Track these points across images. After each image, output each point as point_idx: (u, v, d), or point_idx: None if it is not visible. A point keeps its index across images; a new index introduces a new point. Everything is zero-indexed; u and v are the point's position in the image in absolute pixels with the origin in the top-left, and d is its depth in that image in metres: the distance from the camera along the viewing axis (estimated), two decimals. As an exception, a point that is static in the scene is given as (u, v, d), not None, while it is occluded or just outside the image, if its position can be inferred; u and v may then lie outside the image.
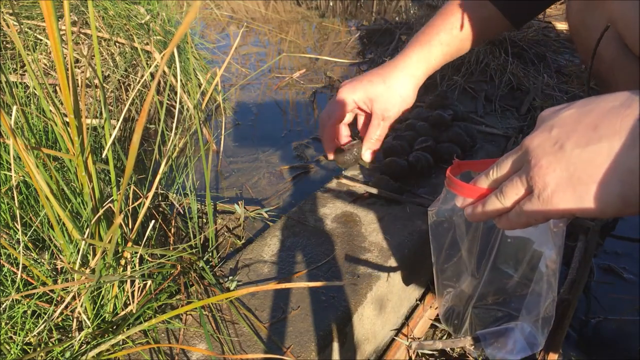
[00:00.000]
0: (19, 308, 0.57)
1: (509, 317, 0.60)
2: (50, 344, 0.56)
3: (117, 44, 1.34)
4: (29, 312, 0.58)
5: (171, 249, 0.75)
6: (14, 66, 1.14)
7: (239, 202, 0.89)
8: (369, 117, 0.80)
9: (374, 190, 0.86)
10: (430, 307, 0.77)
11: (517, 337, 0.58)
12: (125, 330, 0.57)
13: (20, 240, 0.57)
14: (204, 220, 0.89)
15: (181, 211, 0.85)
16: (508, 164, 0.43)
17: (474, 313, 0.62)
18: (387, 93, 0.76)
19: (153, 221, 0.62)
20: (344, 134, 0.81)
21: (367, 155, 0.79)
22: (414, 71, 0.78)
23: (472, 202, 0.47)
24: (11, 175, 0.61)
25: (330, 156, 0.81)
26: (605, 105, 0.36)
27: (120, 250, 0.60)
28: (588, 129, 0.36)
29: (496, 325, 0.60)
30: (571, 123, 0.37)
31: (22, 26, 1.19)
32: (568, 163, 0.36)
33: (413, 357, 0.71)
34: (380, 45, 1.94)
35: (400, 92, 0.77)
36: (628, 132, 0.33)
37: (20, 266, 0.56)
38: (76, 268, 0.58)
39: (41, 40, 1.22)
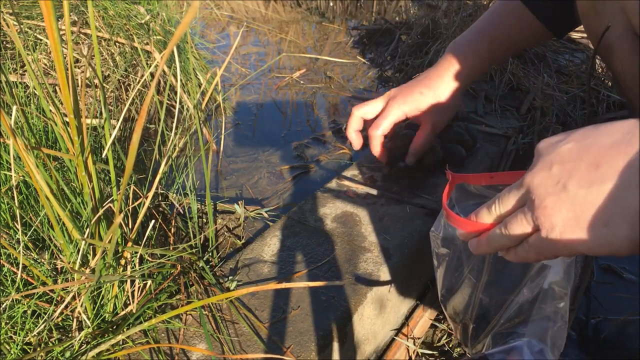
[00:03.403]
0: (19, 308, 0.57)
1: (516, 335, 0.60)
2: (50, 344, 0.56)
3: (117, 43, 1.34)
4: (29, 312, 0.58)
5: (171, 248, 0.75)
6: (14, 66, 1.14)
7: (239, 202, 0.89)
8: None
9: (373, 191, 0.86)
10: (430, 307, 0.77)
11: (526, 354, 0.57)
12: (125, 330, 0.57)
13: (20, 240, 0.57)
14: (204, 220, 0.89)
15: (181, 211, 0.85)
16: (511, 200, 0.42)
17: (491, 334, 0.61)
18: (438, 105, 0.82)
19: (153, 221, 0.62)
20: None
21: (411, 161, 0.87)
22: (463, 81, 0.82)
23: (475, 236, 0.47)
24: (11, 175, 0.61)
25: (384, 162, 0.90)
26: (605, 141, 0.35)
27: (120, 250, 0.60)
28: (590, 168, 0.35)
29: (504, 344, 0.60)
30: (571, 160, 0.36)
31: (22, 26, 1.19)
32: (573, 204, 0.36)
33: (413, 357, 0.71)
34: (380, 45, 1.94)
35: (450, 103, 0.82)
36: (631, 172, 0.32)
37: (20, 266, 0.56)
38: (76, 268, 0.58)
39: (41, 40, 1.22)
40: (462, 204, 0.57)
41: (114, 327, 0.60)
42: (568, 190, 0.36)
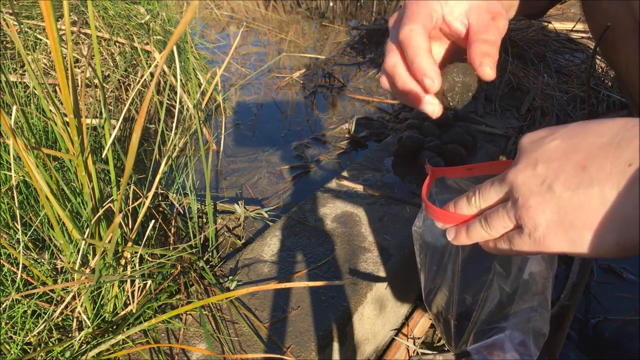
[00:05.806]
0: (19, 308, 0.57)
1: (498, 330, 0.59)
2: (50, 344, 0.56)
3: (117, 43, 1.34)
4: (29, 312, 0.58)
5: (171, 248, 0.75)
6: (14, 66, 1.14)
7: (239, 202, 0.90)
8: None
9: (373, 192, 0.86)
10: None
11: (507, 347, 0.57)
12: (125, 330, 0.57)
13: (20, 240, 0.57)
14: (204, 220, 0.89)
15: (181, 211, 0.85)
16: (492, 195, 0.40)
17: (474, 332, 0.61)
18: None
19: (153, 221, 0.62)
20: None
21: (488, 71, 0.46)
22: None
23: (454, 225, 0.45)
24: (11, 175, 0.61)
25: (427, 105, 0.49)
26: (593, 141, 0.34)
27: (120, 250, 0.60)
28: (577, 169, 0.34)
29: (487, 338, 0.60)
30: (557, 159, 0.35)
31: (22, 26, 1.19)
32: (558, 206, 0.34)
33: (413, 357, 0.71)
34: (380, 45, 1.94)
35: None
36: (620, 178, 0.31)
37: (20, 266, 0.56)
38: (76, 268, 0.58)
39: (41, 40, 1.22)
40: (441, 196, 0.57)
41: (114, 327, 0.60)
42: (553, 191, 0.35)
